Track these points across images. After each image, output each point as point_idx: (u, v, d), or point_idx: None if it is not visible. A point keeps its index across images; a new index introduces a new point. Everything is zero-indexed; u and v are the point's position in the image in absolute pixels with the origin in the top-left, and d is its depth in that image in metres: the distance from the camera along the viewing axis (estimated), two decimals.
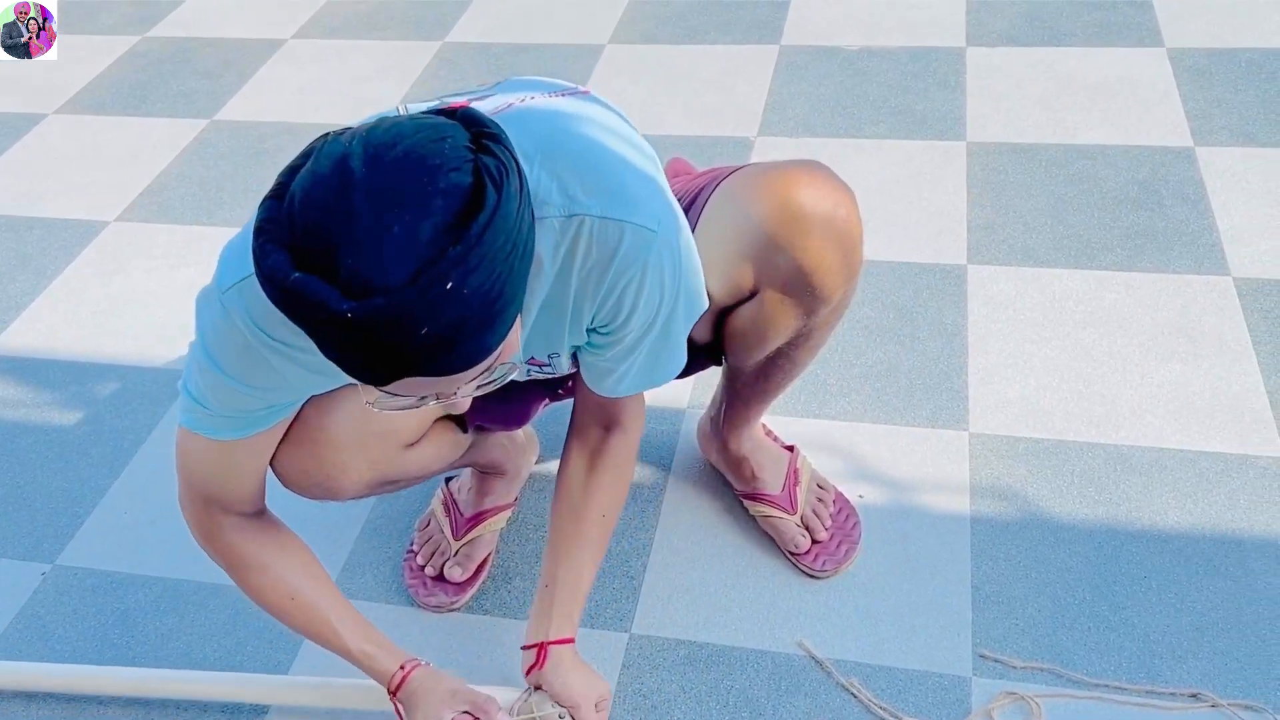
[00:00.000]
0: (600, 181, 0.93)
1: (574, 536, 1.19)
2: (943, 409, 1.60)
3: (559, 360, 1.10)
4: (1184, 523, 1.41)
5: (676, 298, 1.02)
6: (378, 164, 0.73)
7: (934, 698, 1.25)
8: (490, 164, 0.76)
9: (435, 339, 0.74)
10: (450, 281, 0.72)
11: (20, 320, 1.95)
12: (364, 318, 0.72)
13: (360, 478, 1.12)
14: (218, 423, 1.01)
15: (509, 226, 0.76)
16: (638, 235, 0.94)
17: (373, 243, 0.72)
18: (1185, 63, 2.31)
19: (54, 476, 1.64)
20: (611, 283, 0.97)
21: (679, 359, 1.10)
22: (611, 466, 1.19)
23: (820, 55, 2.47)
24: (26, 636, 1.41)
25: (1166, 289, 1.76)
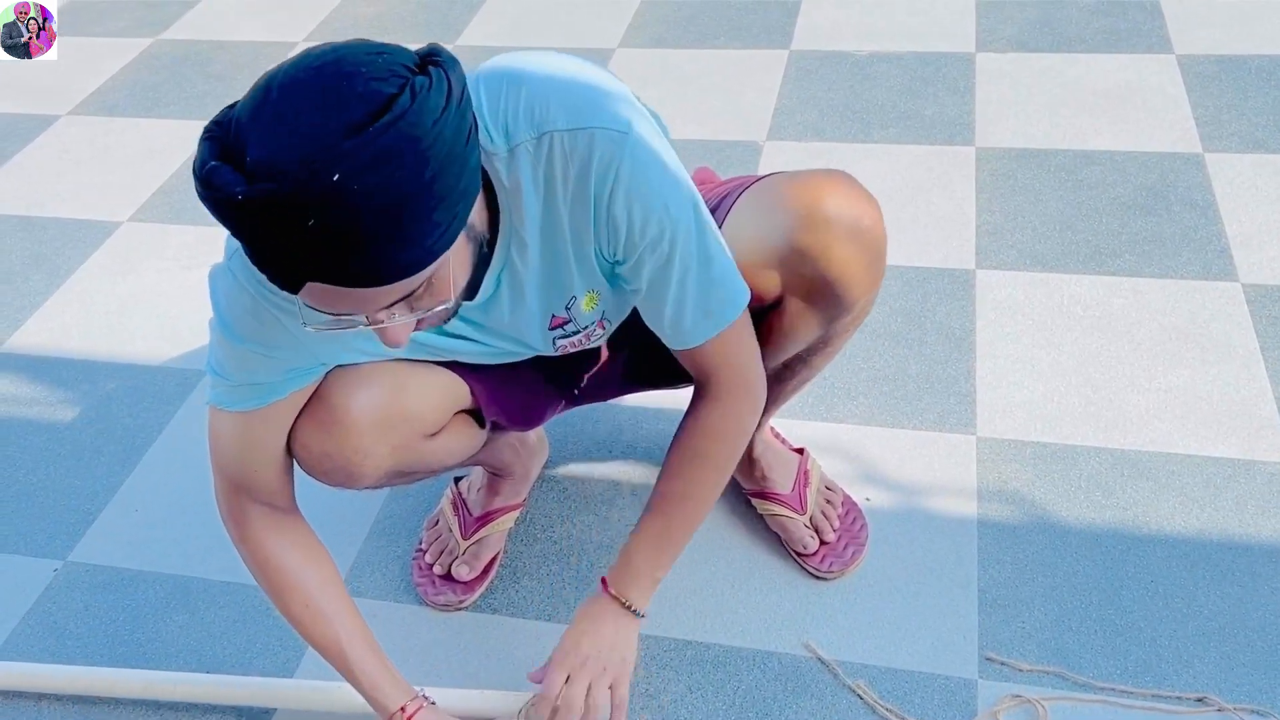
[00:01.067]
0: (565, 99, 0.94)
1: (649, 506, 1.17)
2: (950, 413, 1.60)
3: (577, 309, 1.08)
4: (1191, 527, 1.41)
5: (684, 206, 0.99)
6: (305, 67, 0.78)
7: (940, 700, 1.25)
8: (420, 82, 0.78)
9: (324, 234, 0.76)
10: (337, 173, 0.74)
11: (34, 319, 1.96)
12: (252, 200, 0.75)
13: (380, 464, 1.13)
14: (237, 393, 1.04)
15: (418, 136, 0.76)
16: (608, 139, 0.93)
17: (277, 133, 0.75)
18: (1195, 69, 2.31)
19: (66, 474, 1.65)
20: (596, 195, 0.95)
21: (733, 282, 1.05)
22: (690, 445, 1.14)
23: (830, 60, 2.48)
24: (38, 632, 1.42)
25: (1175, 294, 1.77)
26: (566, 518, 1.51)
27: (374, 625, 1.38)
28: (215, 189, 0.76)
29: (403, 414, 1.12)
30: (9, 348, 1.90)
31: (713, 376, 1.11)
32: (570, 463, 1.59)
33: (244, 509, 1.12)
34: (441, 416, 1.19)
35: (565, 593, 1.41)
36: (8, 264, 2.11)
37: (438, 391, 1.16)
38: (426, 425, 1.17)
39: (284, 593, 1.13)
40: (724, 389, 1.12)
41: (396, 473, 1.18)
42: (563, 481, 1.56)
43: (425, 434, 1.17)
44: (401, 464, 1.16)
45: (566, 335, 1.12)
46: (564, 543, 1.48)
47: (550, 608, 1.39)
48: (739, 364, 1.11)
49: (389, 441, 1.12)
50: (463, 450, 1.26)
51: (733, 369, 1.11)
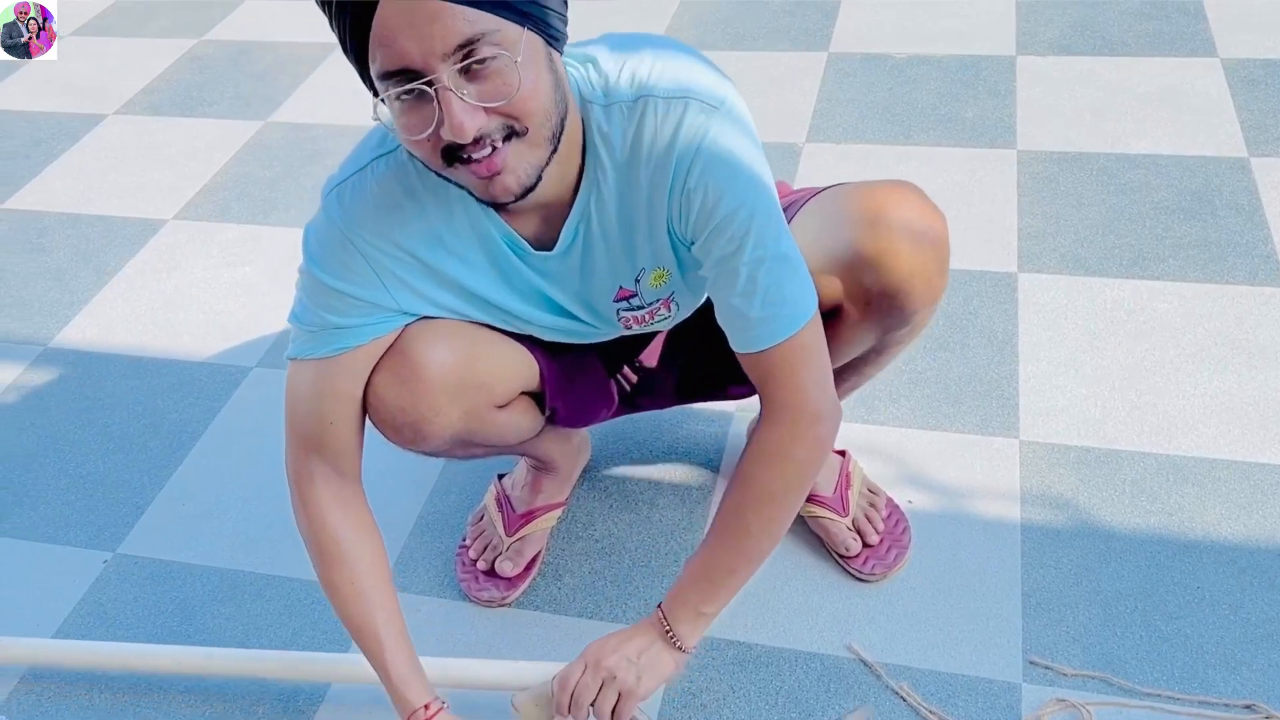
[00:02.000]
0: (668, 70, 0.97)
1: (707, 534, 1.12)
2: (993, 416, 1.60)
3: (645, 282, 1.08)
4: (1238, 534, 1.40)
5: (762, 195, 0.98)
6: None
7: (984, 703, 1.25)
8: None
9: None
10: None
11: (82, 315, 1.99)
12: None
13: (450, 425, 1.14)
14: (318, 339, 1.06)
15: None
16: (700, 110, 0.95)
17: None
18: (1240, 73, 2.29)
19: (115, 468, 1.68)
20: (678, 162, 0.97)
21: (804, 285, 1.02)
22: (744, 471, 1.08)
23: (869, 63, 2.48)
24: (89, 622, 1.45)
25: (1220, 300, 1.75)
26: (608, 517, 1.52)
27: (418, 619, 1.40)
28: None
29: (477, 380, 1.14)
30: (58, 343, 1.93)
31: (773, 392, 1.05)
32: (612, 463, 1.59)
33: (311, 469, 1.12)
34: (512, 390, 1.21)
35: (607, 591, 1.42)
36: (57, 261, 2.14)
37: (511, 365, 1.19)
38: (497, 396, 1.18)
39: (332, 563, 1.13)
40: (783, 409, 1.05)
41: (460, 440, 1.19)
42: (604, 481, 1.57)
43: (495, 404, 1.19)
44: (468, 430, 1.18)
45: (631, 309, 1.12)
46: (605, 541, 1.48)
47: (592, 605, 1.40)
48: (801, 381, 1.04)
49: (461, 405, 1.14)
50: (524, 430, 1.27)
51: (794, 386, 1.04)
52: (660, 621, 1.12)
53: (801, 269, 1.02)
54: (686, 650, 1.13)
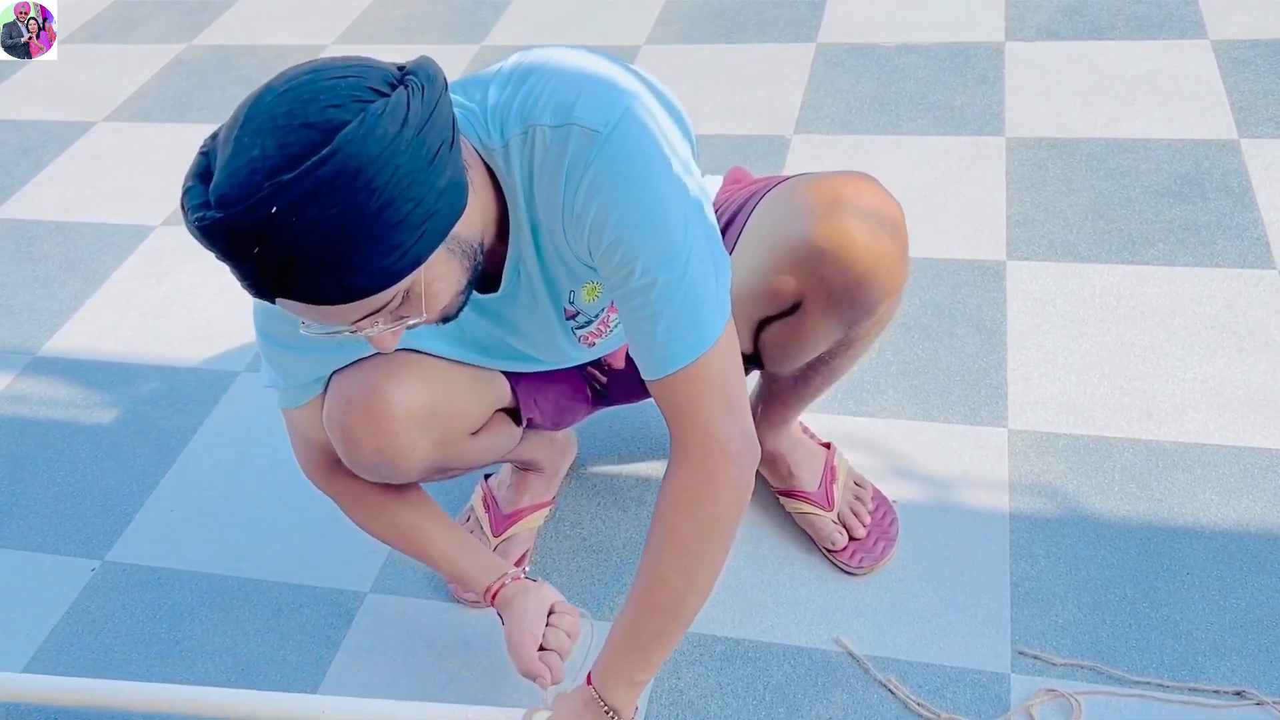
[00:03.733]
0: (556, 94, 0.92)
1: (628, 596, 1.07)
2: (981, 405, 1.59)
3: (580, 300, 1.08)
4: (1228, 519, 1.39)
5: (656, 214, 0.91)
6: (276, 91, 0.79)
7: (972, 694, 1.24)
8: (374, 108, 0.78)
9: (271, 263, 0.79)
10: (274, 208, 0.76)
11: (71, 323, 1.99)
12: (205, 229, 0.78)
13: (424, 458, 1.15)
14: (295, 393, 1.14)
15: (360, 168, 0.77)
16: (583, 137, 0.91)
17: (234, 162, 0.78)
18: (1230, 54, 2.28)
19: (103, 475, 1.68)
20: (564, 191, 0.92)
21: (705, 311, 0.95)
22: (659, 519, 1.02)
23: (857, 53, 2.47)
24: (77, 630, 1.45)
25: (1210, 283, 1.74)
26: (595, 515, 1.51)
27: (405, 622, 1.40)
28: (185, 209, 0.80)
29: (448, 411, 1.14)
30: (46, 351, 1.93)
31: (677, 428, 0.98)
32: (598, 460, 1.59)
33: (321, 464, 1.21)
34: (484, 414, 1.21)
35: (595, 589, 1.41)
36: (45, 269, 2.14)
37: (481, 389, 1.20)
38: (470, 422, 1.19)
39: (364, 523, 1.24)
40: (689, 447, 0.98)
41: (436, 468, 1.20)
42: (591, 479, 1.56)
43: (468, 430, 1.20)
44: (443, 460, 1.18)
45: (581, 326, 1.12)
46: (593, 539, 1.48)
47: (580, 604, 1.40)
48: (705, 414, 0.96)
49: (432, 437, 1.14)
50: (500, 448, 1.28)
51: (698, 419, 0.97)
52: (596, 700, 1.08)
53: (709, 288, 0.95)
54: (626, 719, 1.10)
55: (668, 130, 0.95)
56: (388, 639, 1.38)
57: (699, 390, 0.96)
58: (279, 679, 1.35)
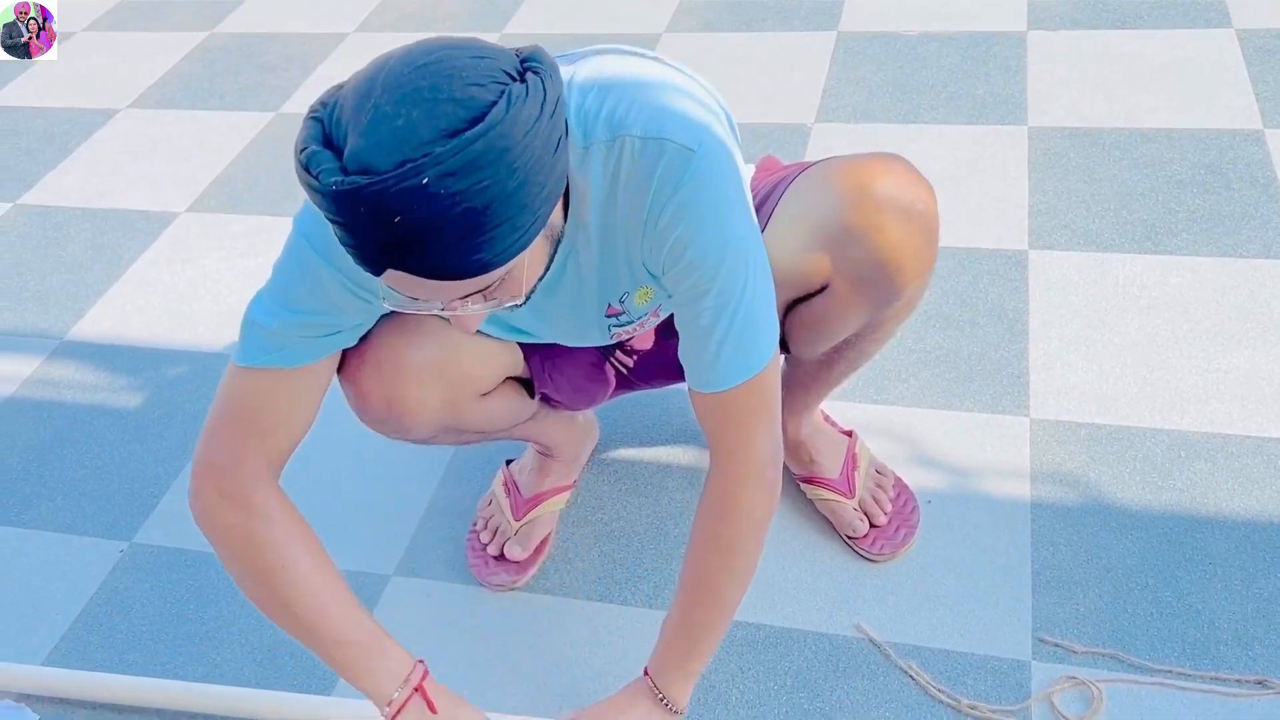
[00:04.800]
0: (646, 107, 0.94)
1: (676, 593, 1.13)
2: (1003, 394, 1.59)
3: (630, 302, 1.09)
4: (1250, 509, 1.39)
5: (733, 242, 0.96)
6: (411, 65, 0.79)
7: (993, 681, 1.25)
8: (516, 90, 0.79)
9: (409, 232, 0.78)
10: (426, 178, 0.76)
11: (96, 308, 2.01)
12: (345, 194, 0.77)
13: (432, 416, 1.16)
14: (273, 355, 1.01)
15: (506, 147, 0.78)
16: (678, 154, 0.93)
17: (377, 129, 0.77)
18: (1255, 43, 2.26)
19: (130, 458, 1.69)
20: (651, 205, 0.95)
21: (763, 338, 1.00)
22: (701, 524, 1.08)
23: (878, 41, 2.46)
24: (107, 610, 1.46)
25: (1234, 273, 1.73)
26: (617, 499, 1.52)
27: (431, 604, 1.41)
28: (312, 174, 0.79)
29: (458, 369, 1.15)
30: (73, 336, 1.95)
31: (720, 438, 1.04)
32: (620, 445, 1.60)
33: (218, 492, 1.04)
34: (494, 377, 1.22)
35: (616, 574, 1.42)
36: (71, 254, 2.16)
37: (493, 353, 1.20)
38: (480, 384, 1.20)
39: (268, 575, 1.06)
40: (729, 456, 1.05)
41: (446, 428, 1.21)
42: (613, 464, 1.57)
43: (478, 392, 1.20)
44: (452, 420, 1.19)
45: (620, 324, 1.13)
46: (615, 524, 1.49)
47: (602, 588, 1.41)
48: (749, 429, 1.03)
49: (441, 394, 1.15)
50: (511, 415, 1.28)
51: (743, 433, 1.03)
52: (651, 689, 1.14)
53: (766, 310, 1.00)
54: (681, 712, 1.15)
55: (735, 149, 0.99)
56: (412, 622, 1.40)
57: (747, 408, 1.02)
58: (304, 660, 1.37)
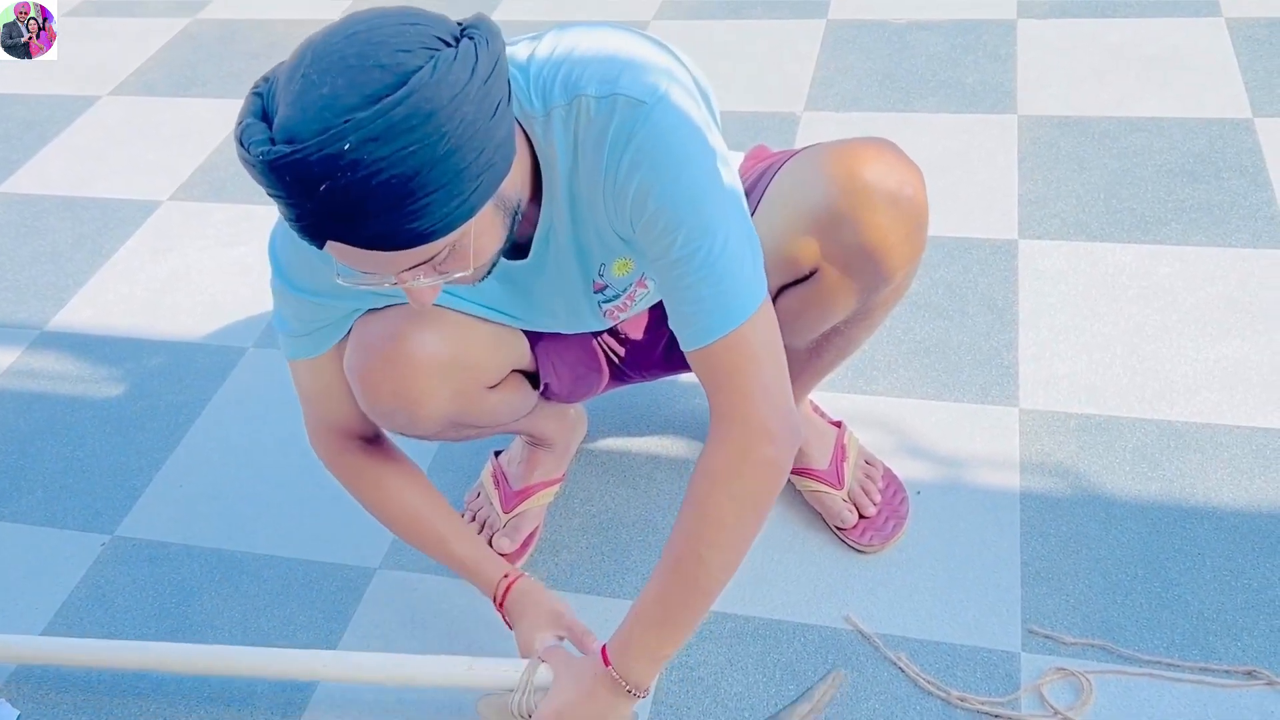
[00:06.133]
0: (601, 66, 0.93)
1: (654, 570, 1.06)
2: (993, 384, 1.58)
3: (610, 274, 1.08)
4: (1240, 499, 1.39)
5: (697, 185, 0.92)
6: (342, 34, 0.80)
7: (983, 673, 1.24)
8: (446, 55, 0.79)
9: (335, 199, 0.78)
10: (347, 143, 0.76)
11: (78, 298, 1.99)
12: (271, 163, 0.77)
13: (441, 408, 1.16)
14: (304, 343, 1.13)
15: (432, 111, 0.77)
16: (629, 106, 0.91)
17: (303, 98, 0.78)
18: (1244, 32, 2.26)
19: (112, 450, 1.67)
20: (608, 160, 0.93)
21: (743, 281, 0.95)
22: (693, 494, 1.01)
23: (867, 29, 2.45)
24: (88, 605, 1.45)
25: (1223, 263, 1.73)
26: (605, 492, 1.51)
27: (416, 598, 1.40)
28: (244, 146, 0.80)
29: (467, 361, 1.15)
30: (54, 326, 1.93)
31: (718, 399, 0.98)
32: (608, 438, 1.58)
33: (335, 443, 1.21)
34: (502, 369, 1.22)
35: (605, 566, 1.41)
36: (52, 243, 2.14)
37: (500, 345, 1.20)
38: (488, 376, 1.19)
39: (382, 504, 1.22)
40: (729, 421, 0.98)
41: (453, 422, 1.20)
42: (601, 456, 1.56)
43: (486, 384, 1.20)
44: (460, 412, 1.19)
45: (608, 300, 1.12)
46: (603, 516, 1.48)
47: (590, 580, 1.40)
48: (746, 385, 0.97)
49: (451, 386, 1.15)
50: (516, 408, 1.28)
51: (739, 391, 0.97)
52: (609, 676, 1.06)
53: (747, 261, 0.95)
54: (643, 695, 1.08)
55: (698, 104, 0.97)
56: (398, 614, 1.39)
57: (738, 361, 0.96)
58: None
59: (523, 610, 1.20)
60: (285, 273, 1.07)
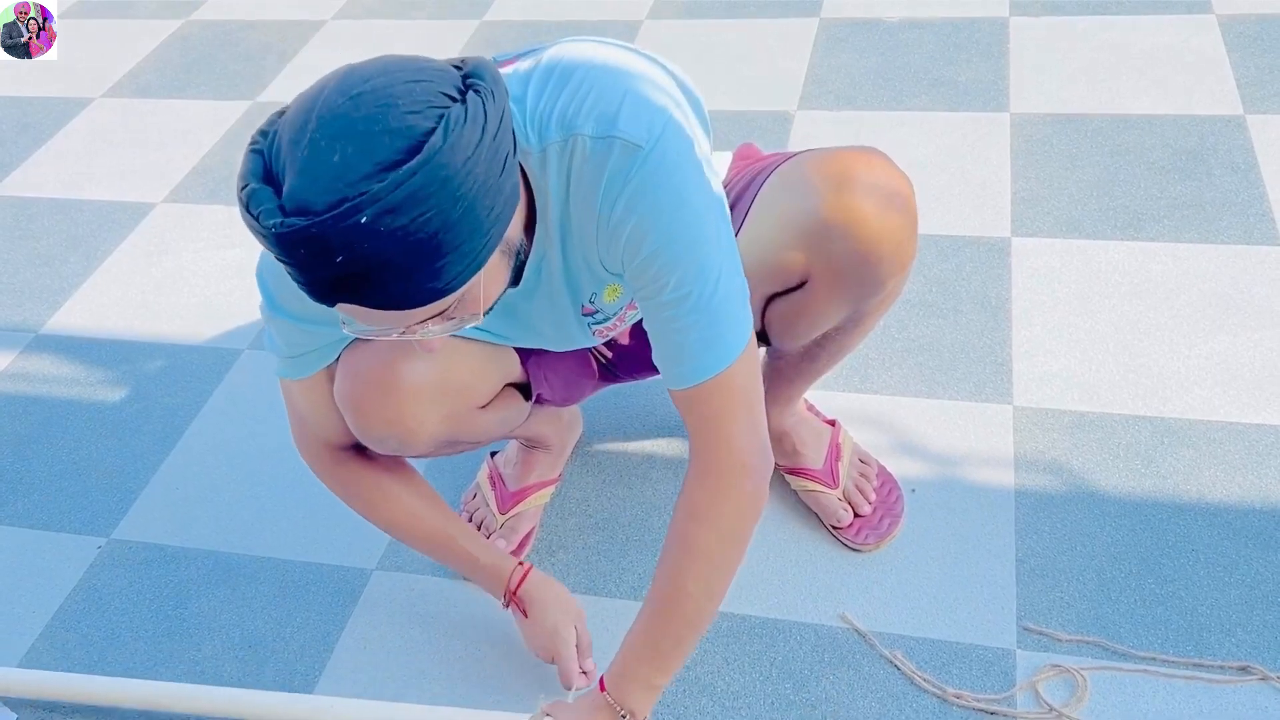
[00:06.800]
0: (598, 103, 0.91)
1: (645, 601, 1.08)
2: (986, 382, 1.59)
3: (600, 300, 1.08)
4: (1233, 495, 1.40)
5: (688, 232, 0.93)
6: (346, 94, 0.77)
7: (978, 670, 1.25)
8: (455, 114, 0.77)
9: (353, 270, 0.77)
10: (364, 217, 0.75)
11: (72, 300, 1.99)
12: (285, 236, 0.76)
13: (433, 432, 1.16)
14: (293, 364, 1.11)
15: (447, 176, 0.76)
16: (625, 151, 0.90)
17: (314, 167, 0.76)
18: (1236, 29, 2.26)
19: (107, 453, 1.67)
20: (601, 203, 0.93)
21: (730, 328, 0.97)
22: (677, 531, 1.03)
23: (860, 28, 2.45)
24: (84, 608, 1.45)
25: (1215, 260, 1.74)
26: (601, 492, 1.51)
27: (413, 598, 1.40)
28: (251, 214, 0.78)
29: (457, 384, 1.15)
30: (49, 329, 1.93)
31: (699, 439, 1.00)
32: (604, 438, 1.59)
33: (326, 455, 1.20)
34: (493, 387, 1.21)
35: (601, 565, 1.42)
36: (46, 247, 2.14)
37: (490, 364, 1.19)
38: (479, 397, 1.19)
39: (382, 510, 1.22)
40: (709, 460, 1.00)
41: (446, 442, 1.20)
42: (597, 456, 1.56)
43: (477, 405, 1.20)
44: (452, 433, 1.19)
45: (598, 323, 1.12)
46: (599, 516, 1.48)
47: (587, 581, 1.40)
48: (727, 428, 0.99)
49: (442, 410, 1.14)
50: (510, 422, 1.28)
51: (720, 432, 0.99)
52: (609, 705, 1.08)
53: (734, 306, 0.97)
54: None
55: (697, 135, 0.96)
56: (394, 616, 1.39)
57: (722, 402, 0.98)
58: (285, 656, 1.36)
59: (544, 600, 1.23)
60: (275, 300, 1.05)
